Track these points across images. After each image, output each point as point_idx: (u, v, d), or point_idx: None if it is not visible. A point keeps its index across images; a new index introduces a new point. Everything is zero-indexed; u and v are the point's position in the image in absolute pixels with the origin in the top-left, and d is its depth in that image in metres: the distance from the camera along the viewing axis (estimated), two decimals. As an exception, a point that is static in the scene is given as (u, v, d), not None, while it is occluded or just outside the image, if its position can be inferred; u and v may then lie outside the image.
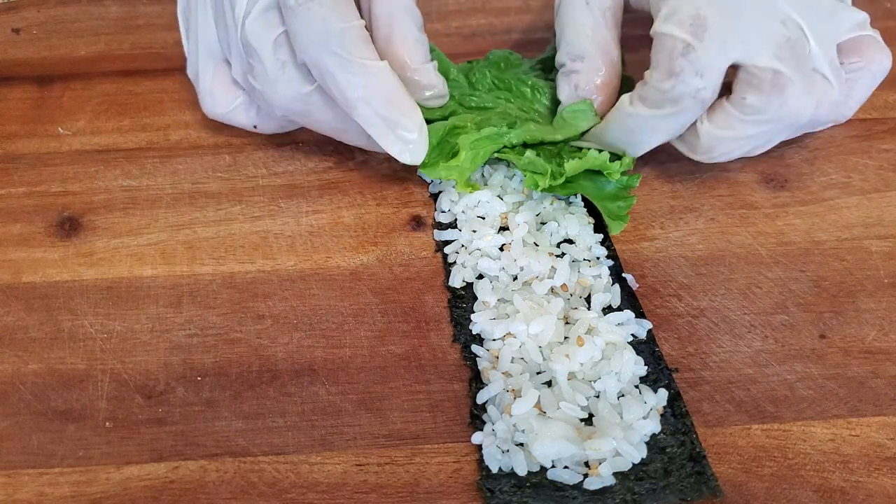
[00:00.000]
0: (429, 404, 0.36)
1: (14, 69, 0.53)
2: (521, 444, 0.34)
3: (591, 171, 0.42)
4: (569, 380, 0.36)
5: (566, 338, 0.37)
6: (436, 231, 0.43)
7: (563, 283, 0.39)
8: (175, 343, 0.38)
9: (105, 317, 0.39)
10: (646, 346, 0.38)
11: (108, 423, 0.35)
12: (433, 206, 0.44)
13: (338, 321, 0.39)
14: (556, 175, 0.41)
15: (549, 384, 0.36)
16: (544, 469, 0.33)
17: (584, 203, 0.44)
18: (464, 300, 0.40)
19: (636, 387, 0.36)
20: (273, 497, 0.33)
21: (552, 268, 0.40)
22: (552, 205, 0.43)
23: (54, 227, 0.43)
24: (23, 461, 0.34)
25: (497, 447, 0.34)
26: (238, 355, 0.38)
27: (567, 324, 0.38)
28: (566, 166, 0.40)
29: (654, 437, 0.35)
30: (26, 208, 0.44)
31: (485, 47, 0.53)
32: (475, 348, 0.38)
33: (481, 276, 0.40)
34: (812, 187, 0.46)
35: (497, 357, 0.37)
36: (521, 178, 0.44)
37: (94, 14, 0.58)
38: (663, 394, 0.36)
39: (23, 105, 0.51)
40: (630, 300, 0.40)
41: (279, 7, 0.39)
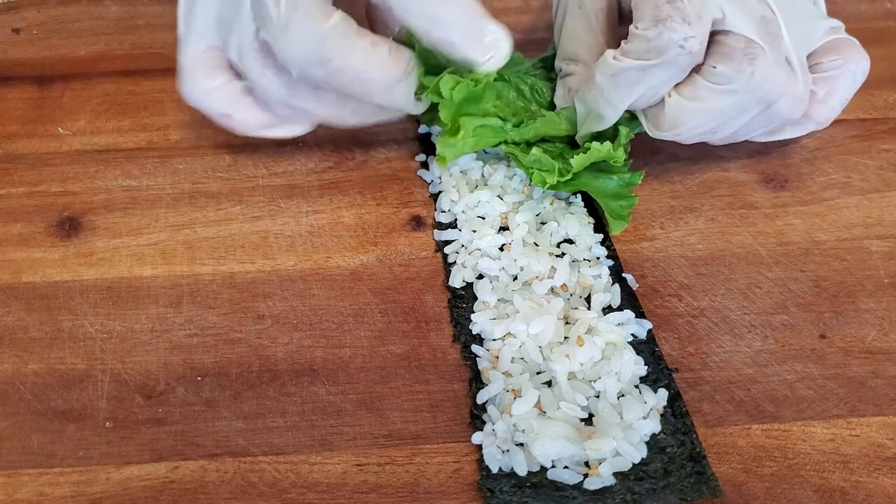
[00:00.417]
0: (429, 404, 0.36)
1: (14, 69, 0.53)
2: (521, 444, 0.34)
3: (595, 170, 0.42)
4: (569, 380, 0.36)
5: (566, 338, 0.37)
6: (436, 231, 0.43)
7: (563, 283, 0.39)
8: (175, 343, 0.38)
9: (105, 317, 0.39)
10: (646, 346, 0.38)
11: (108, 423, 0.35)
12: (433, 206, 0.44)
13: (338, 321, 0.39)
14: (563, 171, 0.41)
15: (549, 384, 0.36)
16: (544, 469, 0.33)
17: (584, 203, 0.44)
18: (464, 300, 0.40)
19: (636, 387, 0.36)
20: (273, 497, 0.33)
21: (552, 268, 0.40)
22: (552, 205, 0.43)
23: (54, 227, 0.43)
24: (23, 461, 0.34)
25: (497, 447, 0.34)
26: (238, 355, 0.38)
27: (567, 324, 0.38)
28: (572, 161, 0.40)
29: (654, 437, 0.35)
30: (26, 208, 0.44)
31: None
32: (475, 348, 0.38)
33: (481, 276, 0.40)
34: (812, 187, 0.46)
35: (497, 357, 0.37)
36: (522, 178, 0.44)
37: (94, 14, 0.58)
38: (663, 394, 0.36)
39: (23, 105, 0.51)
40: (630, 300, 0.40)
41: None
